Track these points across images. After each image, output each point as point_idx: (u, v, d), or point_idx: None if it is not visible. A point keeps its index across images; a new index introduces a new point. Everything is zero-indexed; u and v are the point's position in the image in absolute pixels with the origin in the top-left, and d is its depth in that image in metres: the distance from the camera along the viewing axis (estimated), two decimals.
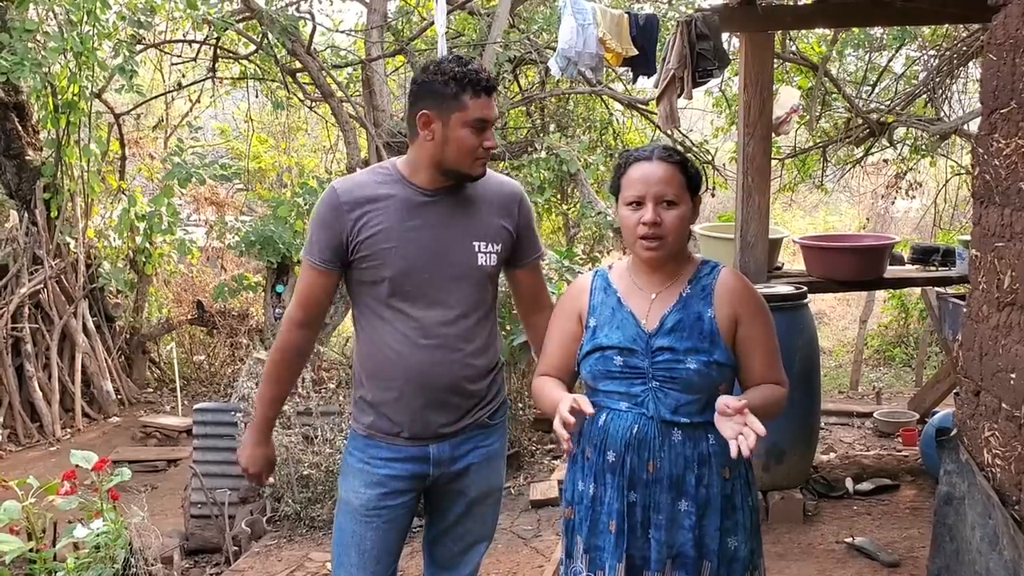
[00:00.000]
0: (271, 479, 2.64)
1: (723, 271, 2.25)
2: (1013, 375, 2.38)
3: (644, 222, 2.13)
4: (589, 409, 2.05)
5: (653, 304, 2.21)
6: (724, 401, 2.02)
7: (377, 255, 2.31)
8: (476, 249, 2.37)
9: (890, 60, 8.57)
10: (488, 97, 2.28)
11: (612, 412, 2.19)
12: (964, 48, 7.17)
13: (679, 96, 4.55)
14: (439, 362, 2.33)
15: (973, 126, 7.01)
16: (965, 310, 2.74)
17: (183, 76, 10.30)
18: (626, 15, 4.90)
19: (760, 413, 2.07)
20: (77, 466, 3.92)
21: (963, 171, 8.99)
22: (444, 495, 2.50)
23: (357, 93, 8.97)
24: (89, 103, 8.22)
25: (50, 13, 7.79)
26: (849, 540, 4.05)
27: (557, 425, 2.04)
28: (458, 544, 2.56)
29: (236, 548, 4.66)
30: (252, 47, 8.87)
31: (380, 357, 2.36)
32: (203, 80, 9.93)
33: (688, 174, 2.19)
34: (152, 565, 3.82)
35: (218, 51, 9.20)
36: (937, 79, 7.65)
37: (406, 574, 3.80)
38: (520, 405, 5.56)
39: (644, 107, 9.22)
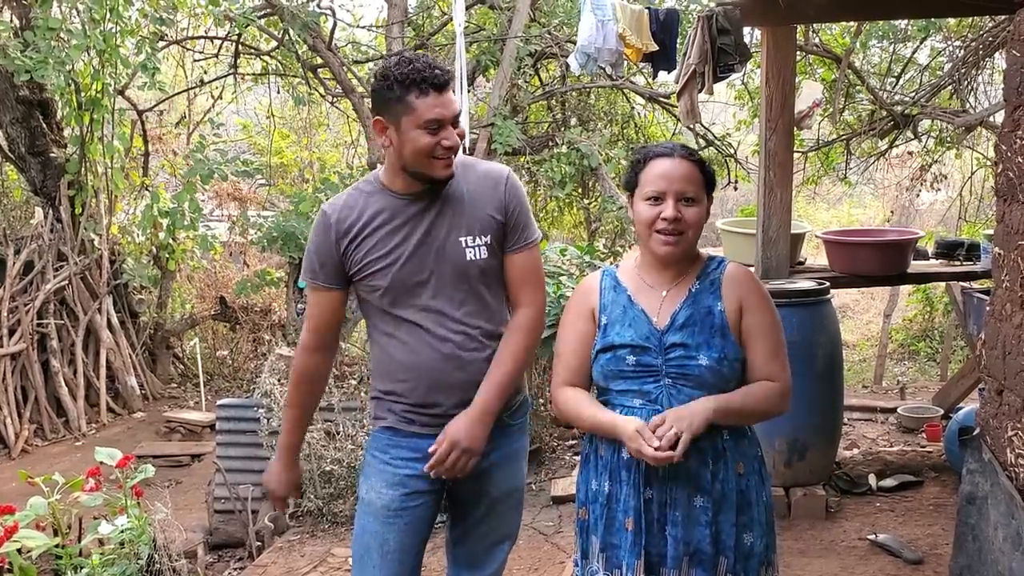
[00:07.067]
0: (291, 503, 2.62)
1: (729, 265, 2.27)
2: None
3: (665, 217, 2.14)
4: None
5: (664, 301, 2.22)
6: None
7: (370, 267, 2.32)
8: (463, 245, 2.32)
9: (914, 51, 8.46)
10: (439, 93, 2.19)
11: (626, 410, 2.19)
12: (990, 39, 7.07)
13: (700, 91, 4.53)
14: (450, 363, 2.33)
15: (999, 118, 6.91)
16: (988, 308, 2.72)
17: (205, 72, 10.33)
18: (646, 10, 4.88)
19: (743, 412, 2.16)
20: (101, 463, 3.96)
21: (988, 163, 8.88)
22: (465, 495, 2.50)
23: None
24: (112, 100, 8.28)
25: (73, 11, 7.84)
26: (872, 537, 4.03)
27: (649, 452, 2.04)
28: (481, 543, 2.56)
29: (259, 543, 4.69)
30: (273, 43, 8.91)
31: (392, 365, 2.38)
32: (225, 76, 9.98)
33: (706, 174, 2.21)
34: (176, 560, 3.85)
35: (240, 47, 9.25)
36: (962, 70, 7.55)
37: (428, 569, 3.81)
38: (541, 400, 5.55)
39: (666, 101, 9.17)
